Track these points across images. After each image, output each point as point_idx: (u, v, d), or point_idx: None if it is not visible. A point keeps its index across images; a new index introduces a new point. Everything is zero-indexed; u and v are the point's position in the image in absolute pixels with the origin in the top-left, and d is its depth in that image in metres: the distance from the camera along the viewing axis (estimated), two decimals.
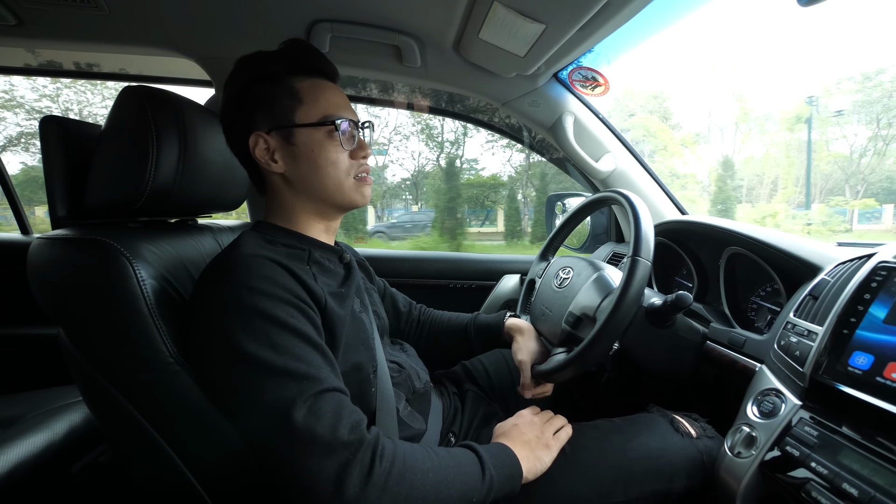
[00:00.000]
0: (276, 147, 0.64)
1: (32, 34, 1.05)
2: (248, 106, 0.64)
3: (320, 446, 0.48)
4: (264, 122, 0.64)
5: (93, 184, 0.66)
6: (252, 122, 0.64)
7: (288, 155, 0.65)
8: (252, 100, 0.64)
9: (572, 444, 0.69)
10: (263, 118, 0.64)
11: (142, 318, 0.56)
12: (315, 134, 0.64)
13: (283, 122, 0.64)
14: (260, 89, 0.64)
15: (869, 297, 0.57)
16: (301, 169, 0.65)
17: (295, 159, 0.65)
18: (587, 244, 1.42)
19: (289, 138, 0.64)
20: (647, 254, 0.67)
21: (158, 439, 0.60)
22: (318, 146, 0.64)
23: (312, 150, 0.64)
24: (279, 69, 0.65)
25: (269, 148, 0.64)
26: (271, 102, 0.64)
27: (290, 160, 0.65)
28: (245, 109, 0.65)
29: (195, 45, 1.09)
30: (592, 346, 0.67)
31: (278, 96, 0.64)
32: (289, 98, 0.64)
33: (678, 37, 20.88)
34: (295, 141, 0.64)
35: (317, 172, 0.65)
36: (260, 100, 0.64)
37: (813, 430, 0.55)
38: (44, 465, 0.85)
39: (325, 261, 0.68)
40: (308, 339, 0.54)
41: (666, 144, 11.85)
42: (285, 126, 0.64)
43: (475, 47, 1.00)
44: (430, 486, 0.52)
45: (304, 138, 0.64)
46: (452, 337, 0.93)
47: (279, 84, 0.64)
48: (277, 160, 0.65)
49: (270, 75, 0.65)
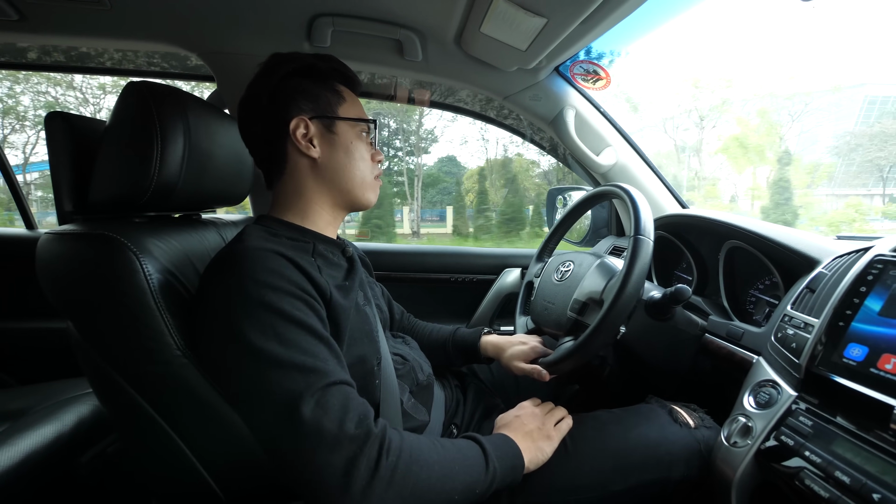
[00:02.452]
0: (315, 133, 0.69)
1: (34, 29, 1.05)
2: (292, 93, 0.68)
3: (328, 440, 0.49)
4: (308, 109, 0.68)
5: (98, 179, 0.67)
6: (293, 107, 0.68)
7: (327, 142, 0.69)
8: (297, 88, 0.68)
9: (573, 434, 0.71)
10: (308, 106, 0.68)
11: (149, 312, 0.57)
12: (353, 129, 0.71)
13: (327, 111, 0.69)
14: (305, 81, 0.69)
15: (865, 289, 0.58)
16: (336, 156, 0.70)
17: (333, 147, 0.70)
18: (587, 238, 1.43)
19: (331, 127, 0.69)
20: (648, 233, 0.69)
21: (168, 431, 0.61)
22: (355, 139, 0.71)
23: (351, 142, 0.71)
24: (325, 68, 0.71)
25: (307, 133, 0.68)
26: (317, 94, 0.69)
27: (328, 147, 0.69)
28: (288, 95, 0.68)
29: (197, 40, 1.09)
30: (601, 327, 0.67)
31: (323, 90, 0.70)
32: (333, 94, 0.71)
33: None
34: (336, 130, 0.70)
35: (349, 163, 0.71)
36: (305, 89, 0.69)
37: (808, 420, 0.56)
38: (53, 456, 0.87)
39: (328, 254, 0.69)
40: (314, 332, 0.55)
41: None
42: (329, 116, 0.69)
43: (476, 41, 1.00)
44: (435, 478, 0.53)
45: (343, 129, 0.70)
46: (433, 350, 0.93)
47: (325, 81, 0.71)
48: (316, 145, 0.69)
49: (319, 71, 0.71)
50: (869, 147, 14.03)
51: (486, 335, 0.92)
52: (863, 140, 14.37)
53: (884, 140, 13.68)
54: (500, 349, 0.88)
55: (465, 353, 0.93)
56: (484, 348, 0.91)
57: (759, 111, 15.02)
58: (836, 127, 15.86)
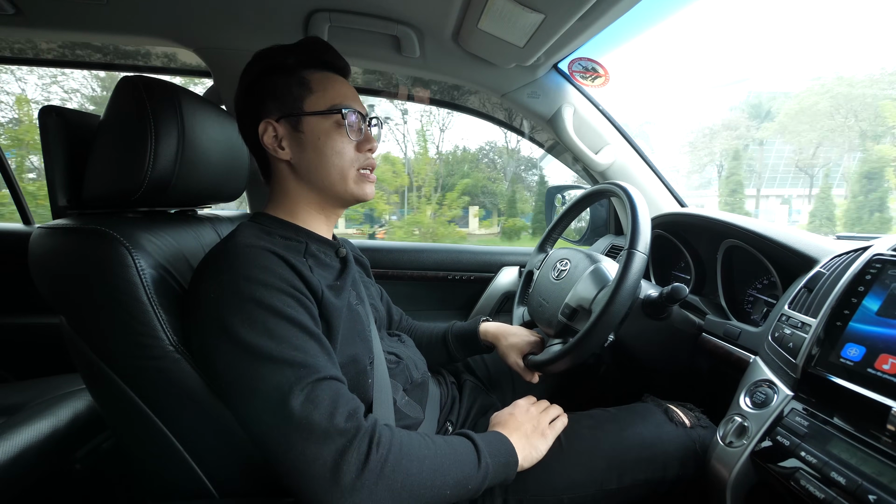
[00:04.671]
0: (283, 135, 0.66)
1: (31, 23, 1.05)
2: (260, 94, 0.66)
3: (317, 433, 0.49)
4: (274, 110, 0.66)
5: (92, 174, 0.67)
6: (262, 109, 0.66)
7: (295, 142, 0.66)
8: (264, 89, 0.66)
9: (568, 432, 0.70)
10: (274, 106, 0.66)
11: (141, 307, 0.57)
12: (323, 123, 0.66)
13: (292, 110, 0.65)
14: (273, 79, 0.66)
15: (863, 289, 0.58)
16: (307, 156, 0.66)
17: (301, 147, 0.66)
18: (586, 237, 1.42)
19: (297, 126, 0.65)
20: (643, 246, 0.68)
21: (160, 426, 0.61)
22: (324, 135, 0.66)
23: (319, 137, 0.65)
24: (293, 61, 0.67)
25: (277, 135, 0.66)
26: (282, 92, 0.65)
27: (297, 147, 0.66)
28: (257, 97, 0.66)
29: (193, 35, 1.09)
30: (587, 338, 0.67)
31: (289, 85, 0.66)
32: (299, 87, 0.66)
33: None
34: (302, 128, 0.65)
35: (321, 161, 0.66)
36: (272, 89, 0.66)
37: (804, 421, 0.55)
38: (48, 452, 0.87)
39: (321, 254, 0.69)
40: (305, 329, 0.55)
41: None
42: (294, 114, 0.65)
43: (474, 37, 0.99)
44: (426, 473, 0.53)
45: (311, 126, 0.65)
46: (432, 346, 0.94)
47: (292, 75, 0.66)
48: (284, 147, 0.66)
49: (284, 66, 0.67)
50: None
51: (485, 322, 0.93)
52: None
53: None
54: (498, 337, 0.89)
55: (465, 341, 0.92)
56: (483, 334, 0.91)
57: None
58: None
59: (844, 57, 15.86)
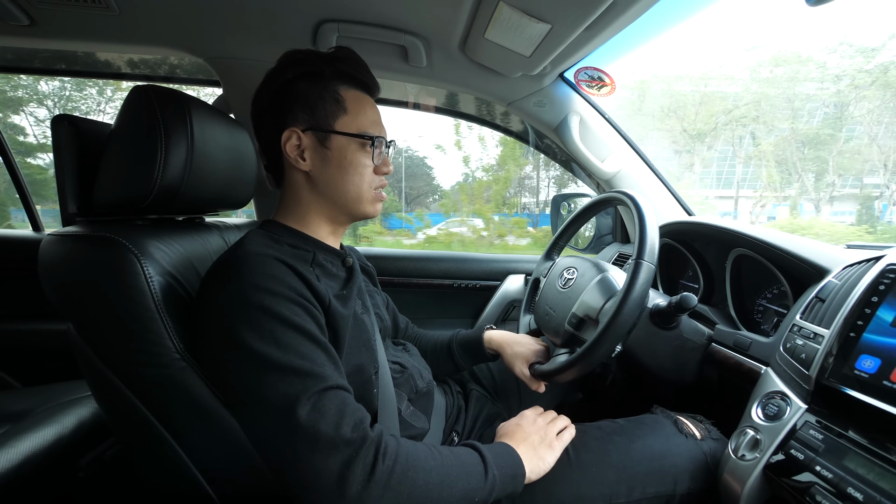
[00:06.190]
0: (308, 146, 0.66)
1: (45, 34, 1.07)
2: (290, 100, 0.66)
3: (323, 443, 0.48)
4: (303, 120, 0.65)
5: (102, 181, 0.67)
6: (289, 116, 0.65)
7: (318, 156, 0.66)
8: (294, 95, 0.66)
9: (575, 444, 0.69)
10: (303, 116, 0.65)
11: (149, 315, 0.57)
12: (350, 143, 0.67)
13: (322, 125, 0.65)
14: (305, 87, 0.65)
15: (877, 299, 0.57)
16: (328, 172, 0.67)
17: (325, 162, 0.66)
18: (592, 245, 1.42)
19: (324, 141, 0.66)
20: (651, 257, 0.67)
21: (165, 434, 0.60)
22: (351, 155, 0.67)
23: (345, 157, 0.66)
24: (329, 72, 0.67)
25: (300, 145, 0.66)
26: (314, 103, 0.65)
27: (320, 161, 0.66)
28: (286, 103, 0.66)
29: (203, 45, 1.10)
30: (594, 349, 0.67)
31: (323, 99, 0.66)
32: (333, 104, 0.66)
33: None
34: (329, 145, 0.66)
35: (343, 178, 0.67)
36: (303, 97, 0.65)
37: (818, 434, 0.54)
38: (52, 459, 0.87)
39: (327, 263, 0.69)
40: (312, 338, 0.54)
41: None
42: (323, 129, 0.65)
43: (481, 47, 1.00)
44: (432, 484, 0.52)
45: (339, 144, 0.66)
46: (437, 355, 0.93)
47: (325, 87, 0.66)
48: (306, 159, 0.66)
49: (320, 75, 0.66)
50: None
51: (490, 330, 0.92)
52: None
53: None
54: (503, 345, 0.88)
55: (470, 350, 0.92)
56: (488, 342, 0.90)
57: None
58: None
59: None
